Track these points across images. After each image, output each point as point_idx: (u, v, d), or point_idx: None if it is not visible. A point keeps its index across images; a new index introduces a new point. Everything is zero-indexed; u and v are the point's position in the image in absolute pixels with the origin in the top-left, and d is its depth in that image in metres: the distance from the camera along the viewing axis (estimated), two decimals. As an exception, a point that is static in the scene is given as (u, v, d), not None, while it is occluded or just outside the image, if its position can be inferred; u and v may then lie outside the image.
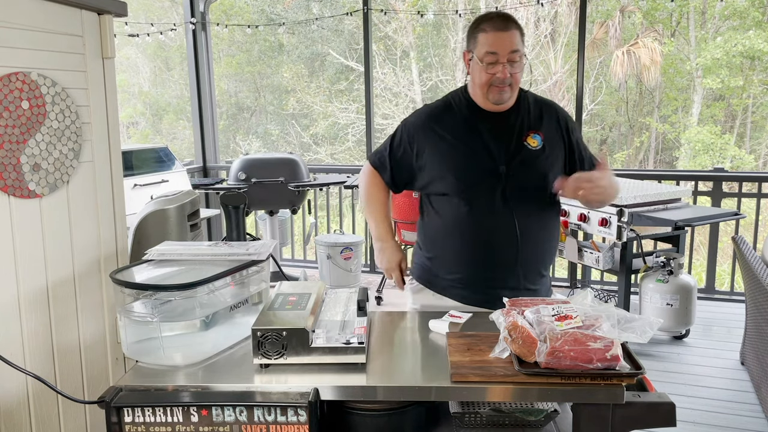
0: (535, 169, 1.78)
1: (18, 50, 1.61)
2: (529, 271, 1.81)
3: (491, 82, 1.72)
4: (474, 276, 1.81)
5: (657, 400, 1.28)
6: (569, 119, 1.89)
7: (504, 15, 1.75)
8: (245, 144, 14.91)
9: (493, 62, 1.70)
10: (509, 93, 1.75)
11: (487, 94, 1.75)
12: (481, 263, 1.80)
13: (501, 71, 1.70)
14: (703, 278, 4.99)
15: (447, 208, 1.81)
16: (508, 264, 1.79)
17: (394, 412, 1.37)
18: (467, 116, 1.81)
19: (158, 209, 2.26)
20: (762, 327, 3.01)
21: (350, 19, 12.78)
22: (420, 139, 1.82)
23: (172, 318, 1.44)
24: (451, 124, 1.81)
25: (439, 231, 1.84)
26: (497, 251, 1.78)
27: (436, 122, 1.82)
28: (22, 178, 1.62)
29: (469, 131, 1.79)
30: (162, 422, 1.27)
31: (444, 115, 1.83)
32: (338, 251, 4.74)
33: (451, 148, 1.79)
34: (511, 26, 1.70)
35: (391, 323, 1.70)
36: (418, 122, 1.85)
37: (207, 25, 5.83)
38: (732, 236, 3.43)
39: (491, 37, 1.70)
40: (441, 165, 1.79)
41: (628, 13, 12.93)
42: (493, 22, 1.71)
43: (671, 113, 13.42)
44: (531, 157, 1.78)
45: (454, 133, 1.80)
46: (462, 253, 1.80)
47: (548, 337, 1.27)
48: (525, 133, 1.79)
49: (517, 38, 1.70)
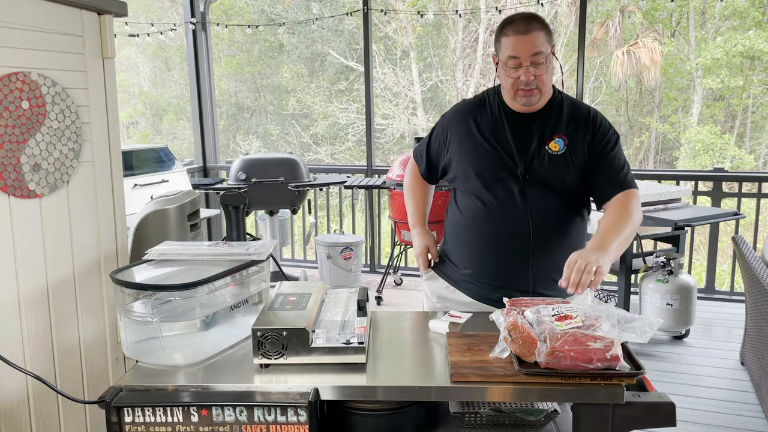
0: (554, 173, 1.76)
1: (18, 50, 1.61)
2: (541, 275, 1.79)
3: (516, 85, 1.72)
4: (486, 273, 1.83)
5: (657, 400, 1.28)
6: (605, 129, 1.80)
7: (527, 17, 1.72)
8: (245, 144, 14.91)
9: (516, 66, 1.70)
10: (538, 95, 1.74)
11: (514, 97, 1.75)
12: (493, 262, 1.81)
13: (524, 74, 1.69)
14: (703, 278, 4.99)
15: (467, 204, 1.85)
16: (519, 266, 1.79)
17: (394, 412, 1.37)
18: (496, 115, 1.82)
19: (158, 209, 2.26)
20: (762, 327, 3.01)
21: (350, 19, 12.78)
22: (452, 132, 1.87)
23: (172, 318, 1.44)
24: (481, 121, 1.83)
25: (458, 225, 1.89)
26: (509, 252, 1.79)
27: (469, 118, 1.85)
28: (22, 178, 1.62)
29: (495, 130, 1.81)
30: (162, 422, 1.27)
31: (477, 112, 1.85)
32: (338, 251, 4.74)
33: (476, 144, 1.81)
34: (533, 28, 1.69)
35: (391, 323, 1.70)
36: (454, 116, 1.90)
37: (207, 25, 5.83)
38: (732, 236, 3.43)
39: (513, 40, 1.70)
40: (464, 161, 1.83)
41: (628, 13, 12.93)
42: (515, 26, 1.70)
43: (671, 113, 13.42)
44: (551, 162, 1.76)
45: (481, 130, 1.82)
46: (476, 250, 1.84)
47: (548, 337, 1.27)
48: (549, 137, 1.78)
49: (539, 39, 1.68)
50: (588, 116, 1.82)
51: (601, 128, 1.81)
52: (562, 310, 1.37)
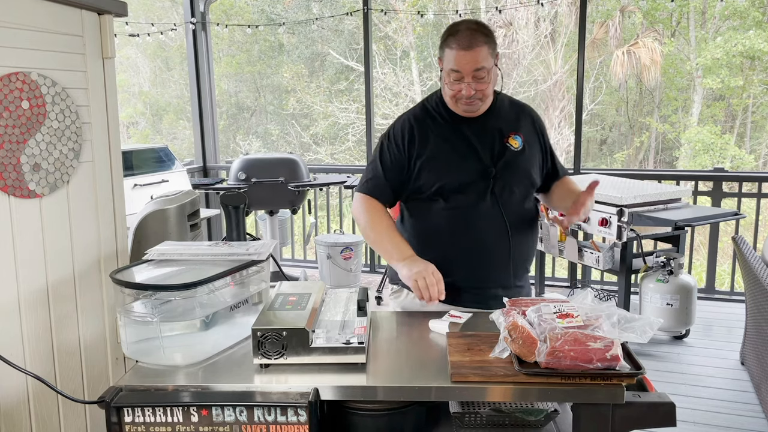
0: (518, 168, 1.82)
1: (18, 50, 1.61)
2: (518, 268, 1.85)
3: (457, 97, 1.74)
4: (468, 278, 1.80)
5: (657, 400, 1.28)
6: (542, 122, 1.95)
7: (472, 28, 1.69)
8: (245, 144, 14.91)
9: (459, 80, 1.70)
10: (479, 104, 1.77)
11: (456, 105, 1.77)
12: (476, 265, 1.80)
13: (466, 89, 1.70)
14: (703, 278, 4.99)
15: (438, 212, 1.79)
16: (501, 263, 1.81)
17: (394, 412, 1.37)
18: (448, 120, 1.82)
19: (158, 209, 2.26)
20: (762, 327, 3.01)
21: (350, 19, 12.78)
22: (409, 146, 1.80)
23: (172, 318, 1.44)
24: (437, 128, 1.81)
25: (428, 234, 1.82)
26: (491, 252, 1.79)
27: (423, 128, 1.81)
28: (22, 178, 1.62)
29: (454, 134, 1.80)
30: (162, 422, 1.27)
31: (428, 121, 1.83)
32: (338, 251, 4.74)
33: (442, 151, 1.79)
34: (476, 43, 1.66)
35: (391, 323, 1.70)
36: (405, 131, 1.82)
37: (207, 25, 5.83)
38: (732, 236, 3.43)
39: (456, 56, 1.68)
40: (434, 170, 1.78)
41: (628, 13, 12.92)
42: (458, 39, 1.67)
43: (671, 113, 13.42)
44: (514, 158, 1.81)
45: (441, 136, 1.80)
46: (456, 257, 1.79)
47: (548, 337, 1.27)
48: (506, 135, 1.82)
49: (482, 55, 1.67)
50: (529, 111, 1.93)
51: (539, 121, 1.93)
52: (563, 308, 1.37)
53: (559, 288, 5.00)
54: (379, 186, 1.84)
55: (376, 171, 1.84)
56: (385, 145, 1.84)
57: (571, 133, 12.20)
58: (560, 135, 13.06)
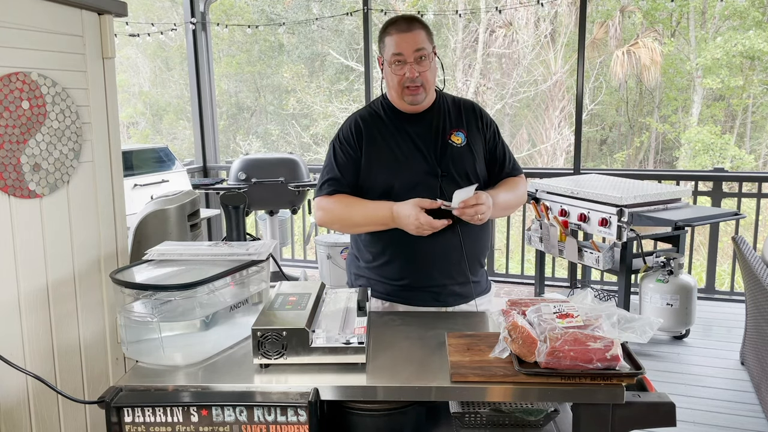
0: (463, 165, 1.83)
1: (18, 50, 1.61)
2: (471, 263, 1.86)
3: (402, 83, 1.77)
4: (423, 278, 1.83)
5: (657, 400, 1.28)
6: (489, 117, 1.95)
7: (408, 18, 1.81)
8: (245, 144, 14.91)
9: (401, 62, 1.76)
10: (423, 94, 1.80)
11: (402, 95, 1.80)
12: (429, 265, 1.82)
13: (409, 70, 1.75)
14: (703, 278, 5.00)
15: None
16: (454, 261, 1.82)
17: (394, 412, 1.37)
18: (393, 120, 1.85)
19: (158, 209, 2.26)
20: (762, 327, 3.01)
21: (350, 19, 12.78)
22: (357, 147, 1.84)
23: (172, 318, 1.44)
24: (380, 129, 1.85)
25: (382, 238, 1.82)
26: (443, 251, 1.81)
27: (370, 129, 1.85)
28: (23, 178, 1.62)
29: (398, 135, 1.83)
30: (162, 422, 1.27)
31: (372, 122, 1.87)
32: (338, 251, 4.74)
33: (387, 152, 1.82)
34: (414, 27, 1.77)
35: (391, 323, 1.70)
36: (353, 130, 1.86)
37: (207, 25, 5.83)
38: (732, 236, 3.43)
39: (396, 39, 1.76)
40: (382, 171, 1.81)
41: (628, 13, 12.93)
42: (396, 25, 1.78)
43: (671, 113, 13.42)
44: (458, 154, 1.83)
45: (385, 138, 1.83)
46: (409, 259, 1.81)
47: (548, 337, 1.27)
48: (448, 132, 1.85)
49: (420, 37, 1.76)
50: (474, 108, 1.93)
51: (486, 118, 1.93)
52: (563, 308, 1.37)
53: (559, 288, 5.00)
54: (340, 188, 1.83)
55: (333, 173, 1.85)
56: (337, 147, 1.87)
57: (571, 133, 12.21)
58: (560, 135, 13.06)
